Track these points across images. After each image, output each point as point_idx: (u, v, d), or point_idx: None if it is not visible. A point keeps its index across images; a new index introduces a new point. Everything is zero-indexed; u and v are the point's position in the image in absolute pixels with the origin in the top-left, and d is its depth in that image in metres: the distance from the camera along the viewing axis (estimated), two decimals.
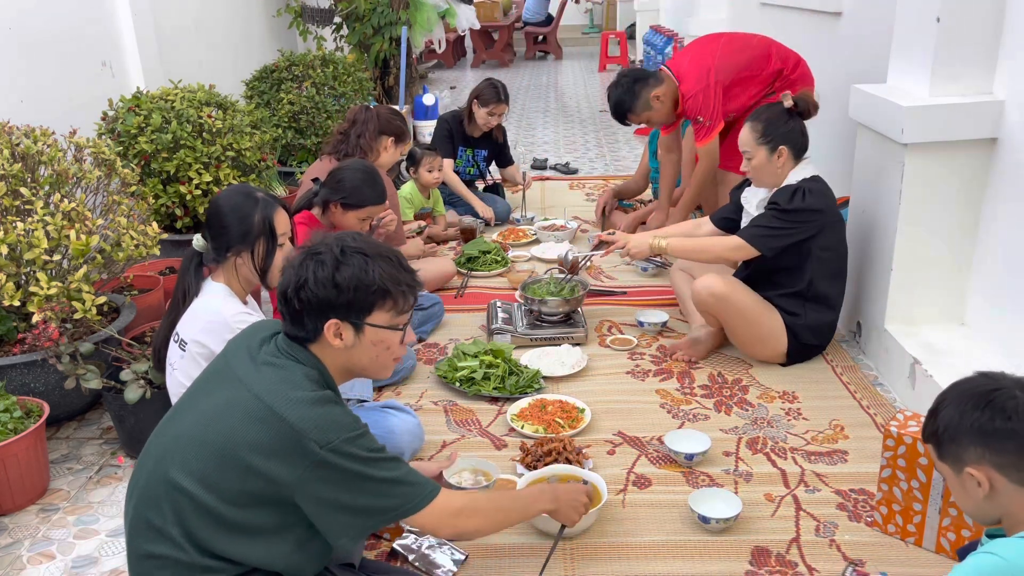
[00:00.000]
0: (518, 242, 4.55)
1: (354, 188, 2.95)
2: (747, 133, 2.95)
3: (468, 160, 4.94)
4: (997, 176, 2.77)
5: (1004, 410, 1.44)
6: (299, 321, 1.60)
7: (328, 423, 1.50)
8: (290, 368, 1.57)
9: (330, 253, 1.58)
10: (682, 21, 7.89)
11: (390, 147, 3.67)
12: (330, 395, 1.57)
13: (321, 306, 1.57)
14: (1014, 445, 1.43)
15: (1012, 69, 2.68)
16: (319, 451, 1.47)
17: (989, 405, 1.46)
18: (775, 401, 2.87)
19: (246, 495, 1.51)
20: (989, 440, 1.44)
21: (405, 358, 3.07)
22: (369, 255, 1.60)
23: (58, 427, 2.91)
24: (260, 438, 1.48)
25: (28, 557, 2.27)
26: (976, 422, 1.46)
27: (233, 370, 1.59)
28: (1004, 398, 1.45)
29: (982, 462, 1.46)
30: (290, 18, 7.11)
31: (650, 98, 3.69)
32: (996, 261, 2.79)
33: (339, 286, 1.56)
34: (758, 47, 3.72)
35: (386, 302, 1.62)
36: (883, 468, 2.13)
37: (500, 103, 4.70)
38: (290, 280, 1.59)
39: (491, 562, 2.13)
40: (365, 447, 1.53)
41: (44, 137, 3.01)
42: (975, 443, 1.46)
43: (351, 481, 1.52)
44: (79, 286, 2.72)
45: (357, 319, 1.60)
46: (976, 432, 1.46)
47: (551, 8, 12.93)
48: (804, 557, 2.11)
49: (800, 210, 2.86)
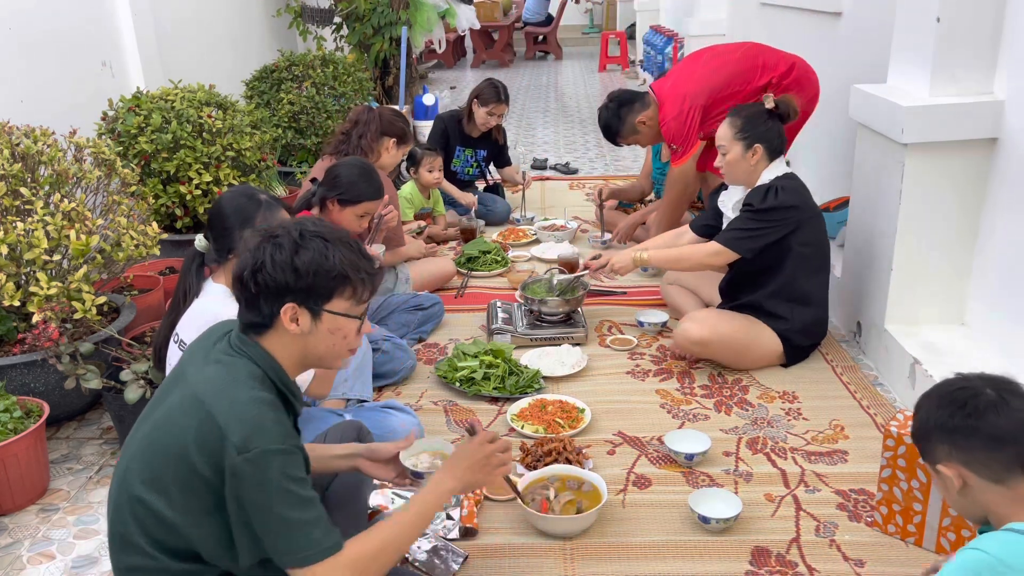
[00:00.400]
0: (518, 242, 4.55)
1: (350, 184, 2.95)
2: (725, 128, 2.97)
3: (467, 160, 4.94)
4: (997, 176, 2.77)
5: (966, 407, 1.45)
6: (255, 306, 1.53)
7: (253, 429, 1.41)
8: (234, 365, 1.51)
9: (288, 236, 1.52)
10: (682, 21, 7.89)
11: (392, 148, 3.67)
12: (268, 398, 1.47)
13: (278, 290, 1.51)
14: (979, 442, 1.44)
15: (1012, 69, 2.68)
16: (235, 456, 1.39)
17: (954, 402, 1.47)
18: (775, 401, 2.87)
19: (195, 498, 1.45)
20: (954, 437, 1.46)
21: (405, 358, 3.08)
22: (329, 240, 1.53)
23: (58, 427, 2.91)
24: (196, 437, 1.43)
25: (28, 557, 2.27)
26: (940, 420, 1.48)
27: (184, 372, 1.55)
28: (968, 395, 1.47)
29: (951, 459, 1.47)
30: (290, 18, 7.12)
31: (635, 123, 3.76)
32: (996, 261, 2.79)
33: (298, 270, 1.50)
34: (743, 61, 3.70)
35: (345, 289, 1.55)
36: (883, 468, 2.13)
37: (500, 103, 4.69)
38: (246, 263, 1.53)
39: (491, 562, 2.13)
40: (282, 469, 1.41)
41: (44, 137, 3.01)
42: (942, 441, 1.48)
43: (254, 499, 1.41)
44: (79, 286, 2.72)
45: (315, 305, 1.53)
46: (941, 430, 1.48)
47: (551, 8, 12.93)
48: (804, 557, 2.11)
49: (774, 208, 2.87)
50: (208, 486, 1.44)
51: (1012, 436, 1.43)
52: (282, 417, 1.47)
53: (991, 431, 1.44)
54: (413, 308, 3.47)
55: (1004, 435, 1.43)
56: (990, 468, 1.44)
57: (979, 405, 1.45)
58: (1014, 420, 1.44)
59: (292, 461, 1.43)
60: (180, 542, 1.49)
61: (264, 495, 1.40)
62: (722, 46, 3.93)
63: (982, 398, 1.46)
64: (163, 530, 1.48)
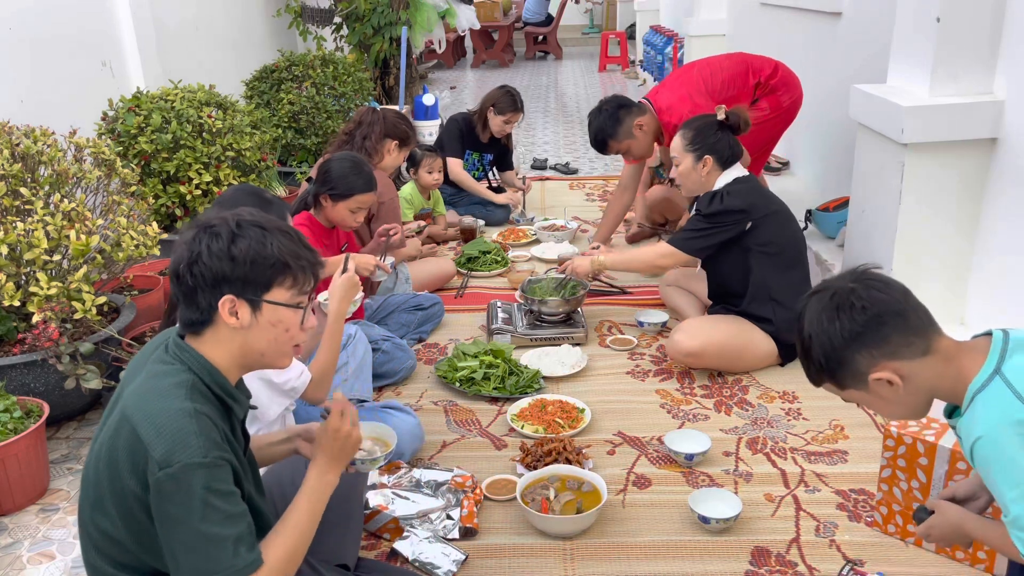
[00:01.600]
0: (518, 242, 4.55)
1: (341, 177, 2.94)
2: (677, 140, 3.07)
3: (474, 164, 4.97)
4: (997, 176, 2.77)
5: (853, 306, 1.41)
6: (192, 300, 1.46)
7: (174, 442, 1.34)
8: (162, 375, 1.44)
9: (225, 226, 1.46)
10: (682, 21, 7.88)
11: (394, 150, 3.68)
12: (191, 408, 1.38)
13: (215, 280, 1.44)
14: (888, 327, 1.40)
15: (1012, 69, 2.68)
16: (157, 471, 1.33)
17: (840, 308, 1.42)
18: (775, 401, 2.87)
19: (132, 519, 1.42)
20: (866, 339, 1.41)
21: (405, 358, 3.08)
22: (267, 229, 1.48)
23: (58, 427, 2.91)
24: (125, 456, 1.38)
25: (28, 557, 2.27)
26: (843, 332, 1.42)
27: (123, 388, 1.51)
28: (846, 295, 1.42)
29: (877, 361, 1.42)
30: (290, 18, 7.12)
31: (633, 126, 3.71)
32: (996, 261, 2.78)
33: (235, 259, 1.44)
34: (735, 66, 3.81)
35: (285, 278, 1.48)
36: (883, 468, 2.13)
37: (517, 111, 4.78)
38: (182, 256, 1.46)
39: (491, 562, 2.13)
40: (205, 483, 1.34)
41: (44, 137, 3.01)
42: (858, 350, 1.42)
43: (175, 514, 1.35)
44: (79, 286, 2.72)
45: (254, 295, 1.46)
46: (850, 340, 1.42)
47: (551, 8, 12.94)
48: (804, 557, 2.11)
49: (719, 212, 2.96)
50: (140, 503, 1.39)
51: (904, 300, 1.40)
52: (208, 427, 1.39)
53: (889, 309, 1.40)
54: (413, 308, 3.47)
55: (899, 305, 1.40)
56: (913, 344, 1.40)
57: (862, 295, 1.41)
58: (893, 285, 1.41)
59: (217, 474, 1.36)
60: (136, 560, 1.46)
61: (186, 510, 1.34)
62: (708, 58, 3.99)
63: (858, 288, 1.42)
64: (117, 550, 1.46)
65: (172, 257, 1.50)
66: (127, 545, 1.44)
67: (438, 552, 2.12)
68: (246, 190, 2.32)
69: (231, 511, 1.38)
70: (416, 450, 2.59)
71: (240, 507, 1.40)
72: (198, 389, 1.44)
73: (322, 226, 3.02)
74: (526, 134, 7.59)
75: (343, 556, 1.87)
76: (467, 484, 2.40)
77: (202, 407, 1.41)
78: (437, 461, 2.58)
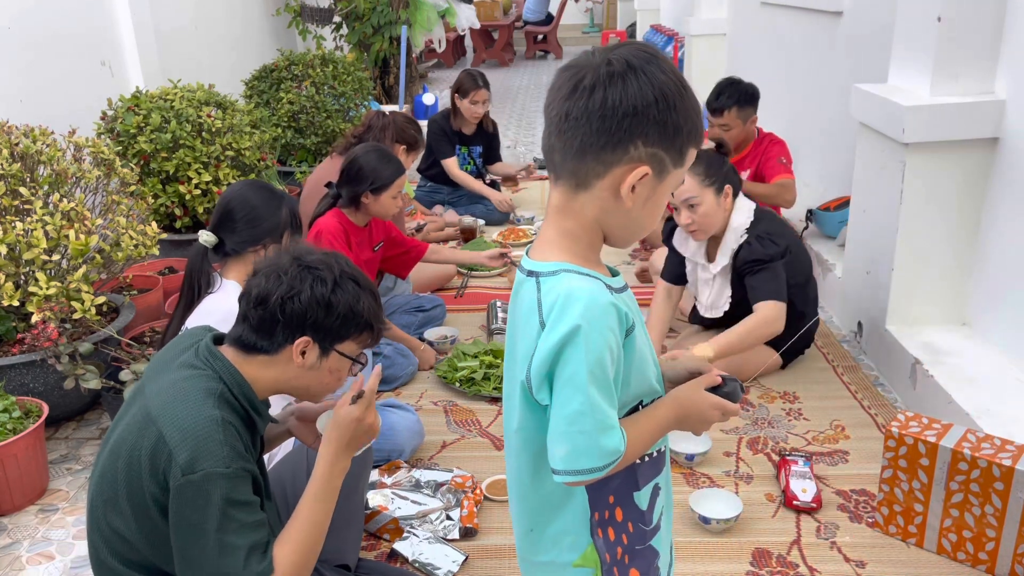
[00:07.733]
0: (518, 242, 4.55)
1: (374, 170, 2.96)
2: (689, 180, 2.73)
3: (464, 158, 4.96)
4: (998, 176, 2.77)
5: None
6: (269, 330, 1.49)
7: (200, 449, 1.36)
8: (192, 379, 1.45)
9: (330, 273, 1.51)
10: (682, 21, 7.88)
11: (401, 155, 3.69)
12: (219, 417, 1.40)
13: (302, 321, 1.49)
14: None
15: (1013, 69, 2.68)
16: (180, 477, 1.35)
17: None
18: (776, 401, 2.87)
19: (147, 519, 1.42)
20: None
21: (407, 364, 3.08)
22: (361, 286, 1.55)
23: (57, 427, 2.91)
24: (147, 456, 1.39)
25: (27, 557, 2.26)
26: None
27: (144, 385, 1.51)
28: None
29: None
30: (289, 17, 7.11)
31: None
32: (997, 261, 2.78)
33: (330, 308, 1.50)
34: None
35: (362, 335, 1.57)
36: (884, 469, 2.12)
37: (479, 88, 4.71)
38: (277, 287, 1.48)
39: (491, 562, 2.13)
40: (225, 493, 1.36)
41: (43, 137, 3.01)
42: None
43: (193, 520, 1.36)
44: (78, 286, 2.72)
45: (329, 344, 1.53)
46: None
47: (551, 7, 12.92)
48: (805, 558, 2.11)
49: (785, 251, 2.78)
50: (157, 505, 1.40)
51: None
52: (234, 438, 1.40)
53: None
54: (414, 309, 3.47)
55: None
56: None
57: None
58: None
59: (237, 485, 1.38)
60: (146, 560, 1.47)
61: (203, 517, 1.36)
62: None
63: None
64: (128, 549, 1.46)
65: (262, 282, 1.50)
66: (137, 544, 1.45)
67: (438, 553, 2.12)
68: (255, 184, 2.32)
69: (247, 520, 1.40)
70: (416, 447, 2.59)
71: (257, 516, 1.43)
72: (225, 399, 1.46)
73: (355, 225, 3.03)
74: (526, 134, 7.58)
75: (344, 556, 1.86)
76: (467, 484, 2.39)
77: (229, 416, 1.43)
78: (437, 461, 2.58)
